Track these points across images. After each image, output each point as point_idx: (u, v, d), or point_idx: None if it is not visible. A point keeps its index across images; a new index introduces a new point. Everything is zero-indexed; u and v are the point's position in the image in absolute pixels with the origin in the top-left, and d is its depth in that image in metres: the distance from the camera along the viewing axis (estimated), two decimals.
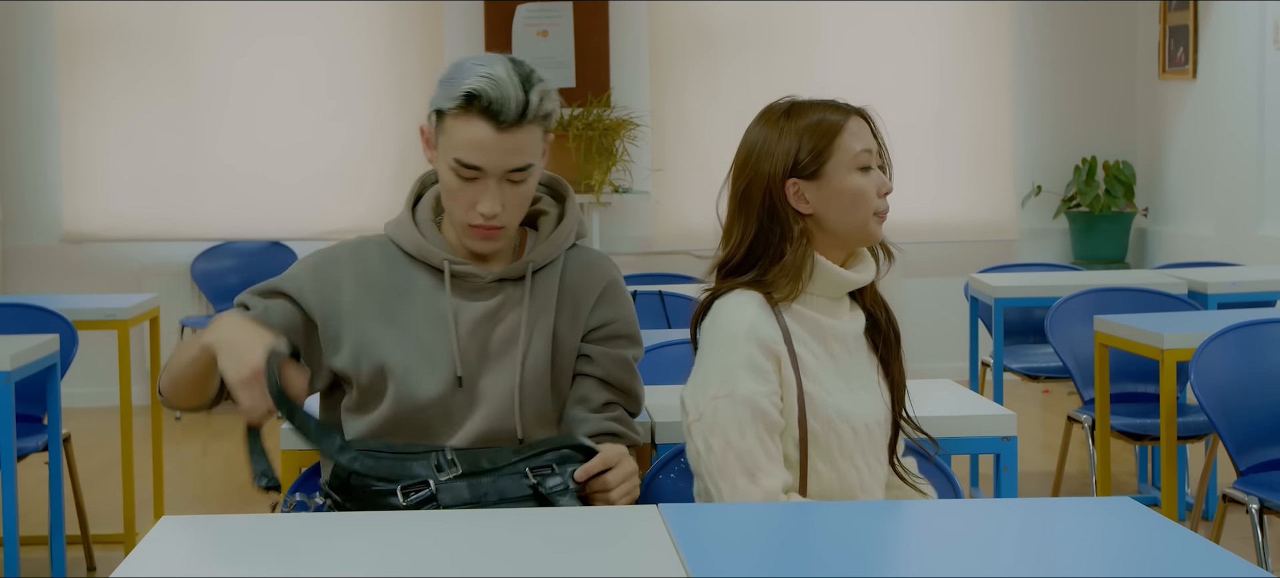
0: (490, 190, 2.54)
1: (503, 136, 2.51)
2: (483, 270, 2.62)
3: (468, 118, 2.51)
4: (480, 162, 2.52)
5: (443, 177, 2.58)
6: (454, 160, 2.53)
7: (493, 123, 2.50)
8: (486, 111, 2.50)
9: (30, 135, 8.16)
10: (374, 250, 2.65)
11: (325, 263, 2.64)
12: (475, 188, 2.54)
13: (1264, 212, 7.28)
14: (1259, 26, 7.28)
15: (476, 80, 2.50)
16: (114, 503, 5.59)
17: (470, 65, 2.54)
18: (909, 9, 8.39)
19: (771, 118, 2.59)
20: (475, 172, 2.53)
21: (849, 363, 2.59)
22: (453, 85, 2.53)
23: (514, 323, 2.62)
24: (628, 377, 2.68)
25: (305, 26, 8.21)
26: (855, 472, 2.55)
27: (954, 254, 8.37)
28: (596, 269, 2.70)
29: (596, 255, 2.74)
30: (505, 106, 2.50)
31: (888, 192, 2.57)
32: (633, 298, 2.85)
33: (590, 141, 7.76)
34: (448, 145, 2.54)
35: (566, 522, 2.22)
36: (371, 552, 2.07)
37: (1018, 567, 2.00)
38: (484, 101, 2.49)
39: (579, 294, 2.66)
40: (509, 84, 2.50)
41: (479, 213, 2.55)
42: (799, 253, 2.53)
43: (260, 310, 2.58)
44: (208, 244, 8.15)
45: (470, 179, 2.53)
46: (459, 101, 2.51)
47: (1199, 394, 3.94)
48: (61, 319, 4.87)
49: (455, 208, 2.58)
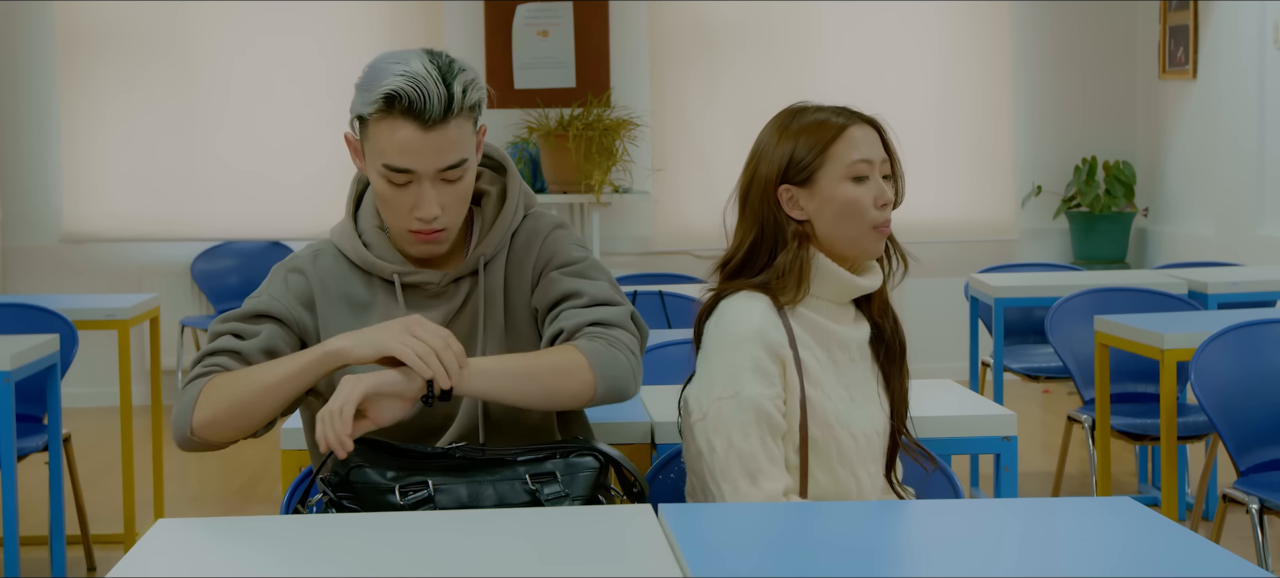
0: (425, 193, 2.44)
1: (430, 135, 2.40)
2: (433, 276, 2.54)
3: (391, 121, 2.40)
4: (410, 164, 2.41)
5: (375, 184, 2.48)
6: (382, 166, 2.43)
7: (417, 123, 2.39)
8: (409, 112, 2.38)
9: (30, 135, 8.16)
10: (330, 260, 2.57)
11: (293, 275, 2.55)
12: (409, 192, 2.44)
13: (1264, 212, 7.28)
14: (1259, 26, 7.28)
15: (394, 80, 2.38)
16: (114, 503, 5.59)
17: (385, 65, 2.42)
18: (909, 9, 8.39)
19: (779, 121, 2.58)
20: (407, 175, 2.42)
21: (851, 370, 2.58)
22: (370, 88, 2.41)
23: (470, 321, 2.55)
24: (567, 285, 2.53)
25: (305, 26, 8.21)
26: (854, 480, 2.54)
27: (954, 254, 8.37)
28: (535, 233, 2.59)
29: (537, 219, 2.61)
30: (428, 104, 2.38)
31: (887, 203, 2.53)
32: (632, 298, 2.83)
33: (590, 142, 7.75)
34: (374, 152, 2.43)
35: (565, 522, 2.22)
36: (369, 552, 2.07)
37: (1018, 567, 2.00)
38: (405, 101, 2.38)
39: (523, 263, 2.57)
40: (429, 80, 2.39)
41: (417, 218, 2.45)
42: (793, 257, 2.52)
43: (260, 339, 2.48)
44: (208, 244, 8.15)
45: (403, 184, 2.43)
46: (379, 105, 2.39)
47: (1199, 394, 3.93)
48: (61, 319, 4.87)
49: (392, 215, 2.49)
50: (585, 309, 2.50)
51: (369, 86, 2.42)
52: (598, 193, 7.77)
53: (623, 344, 2.47)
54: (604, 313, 2.49)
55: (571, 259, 2.56)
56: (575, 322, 2.48)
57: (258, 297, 2.53)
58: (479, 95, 2.46)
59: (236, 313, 2.51)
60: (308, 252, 2.59)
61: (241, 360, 2.45)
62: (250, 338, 2.48)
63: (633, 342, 2.51)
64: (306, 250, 2.59)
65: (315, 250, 2.59)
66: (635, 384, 2.48)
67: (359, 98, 2.44)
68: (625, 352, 2.47)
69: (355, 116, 2.46)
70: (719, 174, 7.96)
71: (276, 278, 2.56)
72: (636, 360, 2.49)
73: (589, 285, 2.52)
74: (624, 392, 2.47)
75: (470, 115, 2.45)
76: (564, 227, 2.61)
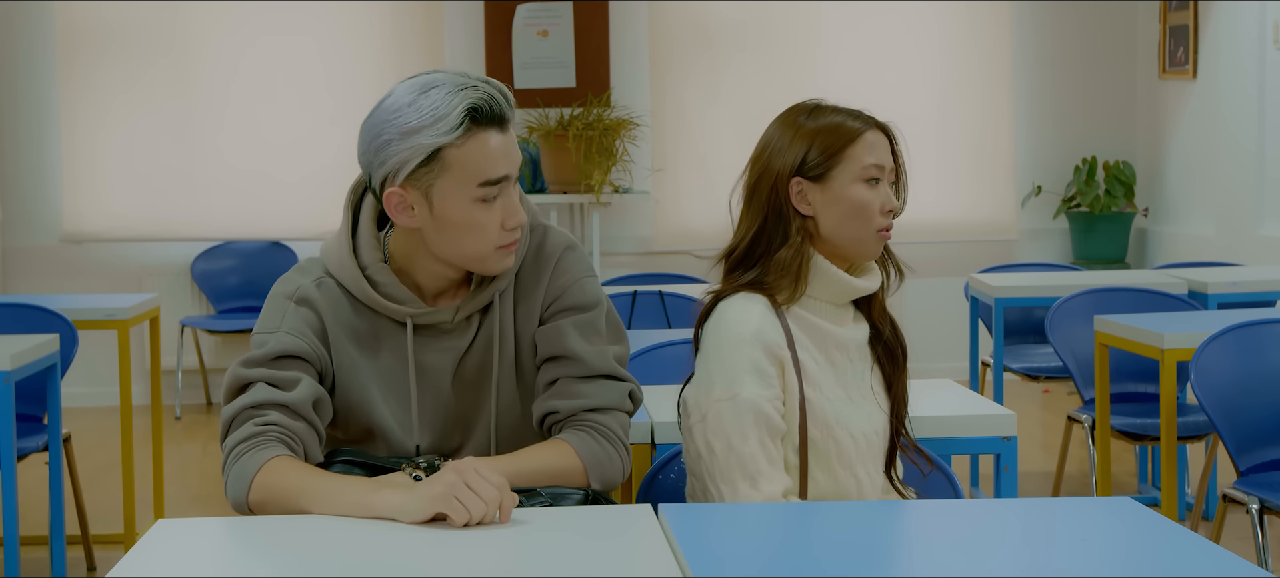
0: (511, 198, 2.42)
1: (508, 136, 2.41)
2: (446, 313, 2.48)
3: (478, 136, 2.36)
4: (506, 169, 2.39)
5: (461, 216, 2.39)
6: (477, 187, 2.37)
7: (499, 127, 2.39)
8: (491, 119, 2.37)
9: (30, 135, 8.15)
10: (333, 291, 2.47)
11: (303, 307, 2.45)
12: (496, 207, 2.40)
13: (1264, 212, 7.28)
14: (1259, 26, 7.28)
15: (464, 96, 2.35)
16: (114, 503, 5.59)
17: (431, 97, 2.36)
18: (909, 9, 8.38)
19: (792, 116, 2.59)
20: (499, 185, 2.39)
21: (849, 371, 2.59)
22: (441, 118, 2.34)
23: (483, 357, 2.50)
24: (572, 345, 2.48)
25: (305, 27, 8.20)
26: (853, 481, 2.55)
27: (954, 254, 8.37)
28: (545, 256, 2.53)
29: (546, 238, 2.55)
30: (501, 105, 2.39)
31: (892, 210, 2.55)
32: (632, 298, 2.82)
33: (590, 142, 7.75)
34: (462, 177, 2.37)
35: (565, 522, 2.22)
36: (368, 552, 2.07)
37: (1018, 567, 2.00)
38: (485, 111, 2.36)
39: (531, 291, 2.52)
40: (487, 86, 2.39)
41: (507, 229, 2.42)
42: (794, 252, 2.53)
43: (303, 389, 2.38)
44: (208, 244, 8.15)
45: (494, 199, 2.40)
46: (463, 125, 2.35)
47: (1199, 394, 3.94)
48: (61, 319, 4.87)
49: (481, 239, 2.41)
50: (583, 383, 2.47)
51: (436, 119, 2.34)
52: (598, 193, 7.77)
53: (615, 436, 2.48)
54: (600, 396, 2.47)
55: (582, 305, 2.50)
56: (570, 406, 2.46)
57: (276, 334, 2.43)
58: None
59: (261, 355, 2.41)
60: (310, 281, 2.48)
61: (292, 415, 2.37)
62: (290, 387, 2.39)
63: (623, 425, 2.49)
64: (308, 280, 2.48)
65: (318, 280, 2.48)
66: (625, 472, 2.49)
67: (427, 135, 2.35)
68: (617, 446, 2.48)
69: (423, 156, 2.36)
70: (719, 174, 7.95)
71: (287, 311, 2.45)
72: (625, 451, 2.49)
73: (594, 354, 2.48)
74: (612, 486, 2.49)
75: None
76: (574, 248, 2.55)
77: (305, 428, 2.38)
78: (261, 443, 2.33)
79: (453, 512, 2.15)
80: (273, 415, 2.36)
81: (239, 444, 2.35)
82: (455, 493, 2.16)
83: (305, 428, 2.38)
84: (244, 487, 2.31)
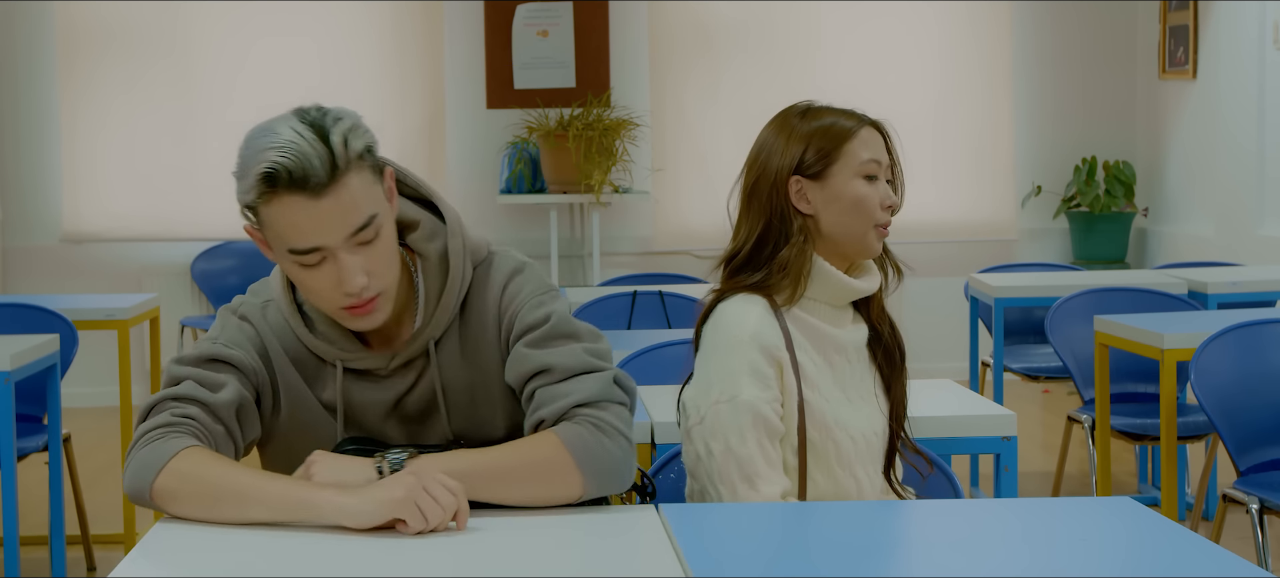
0: (344, 264, 2.18)
1: (324, 202, 2.15)
2: (380, 360, 2.32)
3: (279, 201, 2.15)
4: (315, 241, 2.17)
5: (289, 273, 2.24)
6: (288, 252, 2.19)
7: (306, 194, 2.14)
8: (293, 185, 2.14)
9: (30, 135, 8.15)
10: (278, 318, 2.35)
11: (244, 323, 2.35)
12: (326, 270, 2.19)
13: (1264, 212, 7.28)
14: (1259, 26, 7.27)
15: (266, 157, 2.14)
16: (114, 503, 5.59)
17: (255, 141, 2.18)
18: (909, 9, 8.38)
19: (787, 117, 2.60)
20: (317, 253, 2.18)
21: (847, 372, 2.59)
22: (245, 174, 2.17)
23: (426, 400, 2.34)
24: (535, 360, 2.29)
25: (305, 27, 8.21)
26: (853, 482, 2.55)
27: (954, 254, 8.37)
28: (488, 293, 2.34)
29: (489, 270, 2.36)
30: (310, 168, 2.14)
31: (891, 206, 2.56)
32: (632, 298, 2.80)
33: (590, 142, 7.75)
34: (275, 239, 2.20)
35: (566, 522, 2.22)
36: (368, 552, 2.07)
37: (1018, 567, 2.00)
38: (284, 176, 2.14)
39: (483, 331, 2.33)
40: (301, 142, 2.14)
41: (344, 294, 2.20)
42: (795, 252, 2.54)
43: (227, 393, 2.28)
44: (208, 244, 8.15)
45: (317, 264, 2.19)
46: (259, 188, 2.15)
47: (1199, 394, 3.94)
48: (61, 319, 4.87)
49: (319, 300, 2.24)
50: (561, 384, 2.26)
51: (244, 172, 2.18)
52: (598, 193, 7.76)
53: (610, 426, 2.24)
54: (584, 389, 2.25)
55: (533, 323, 2.30)
56: (555, 408, 2.24)
57: (214, 341, 2.33)
58: (365, 140, 2.20)
59: (194, 355, 2.31)
60: (257, 302, 2.37)
61: (212, 415, 2.25)
62: (216, 389, 2.28)
63: (620, 417, 2.26)
64: (256, 301, 2.37)
65: (265, 303, 2.37)
66: (629, 470, 2.25)
67: (238, 188, 2.19)
68: (614, 436, 2.23)
69: (243, 207, 2.21)
70: (719, 174, 7.95)
71: (229, 323, 2.35)
72: (627, 442, 2.25)
73: (558, 355, 2.27)
74: (618, 483, 2.25)
75: (363, 164, 2.18)
76: (520, 271, 2.35)
77: (223, 433, 2.27)
78: (176, 433, 2.22)
79: (410, 518, 2.08)
80: (192, 410, 2.25)
81: (152, 430, 2.22)
82: (415, 498, 2.08)
83: (223, 433, 2.27)
84: (150, 473, 2.17)
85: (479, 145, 8.24)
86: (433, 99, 8.25)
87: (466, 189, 8.23)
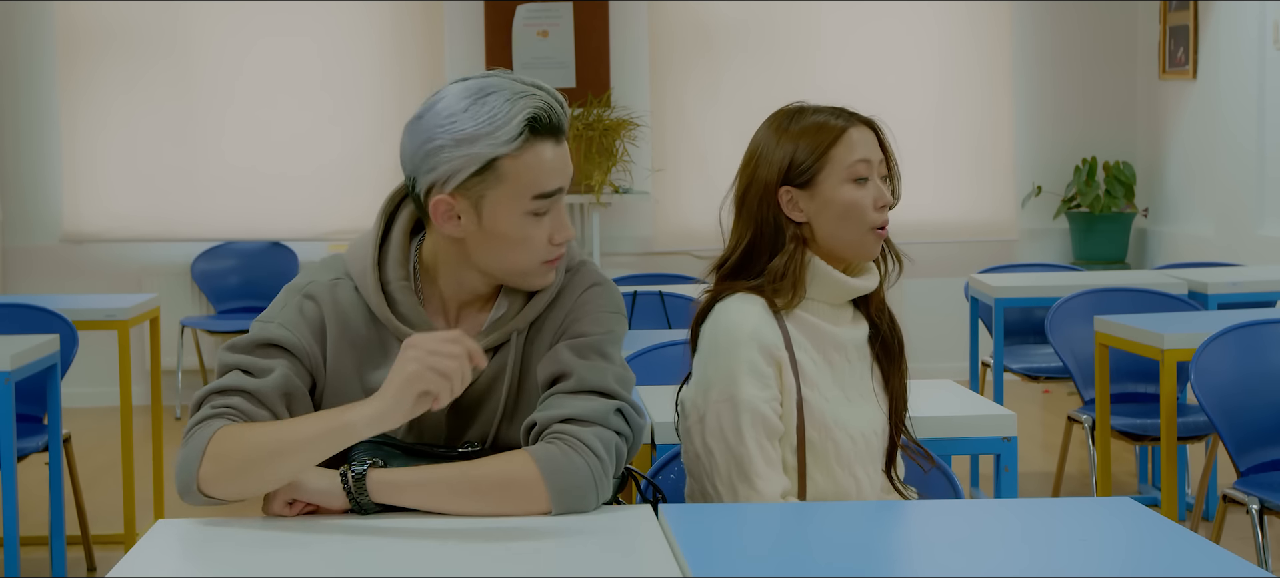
0: (560, 210, 2.32)
1: (563, 148, 2.30)
2: None
3: (535, 147, 2.26)
4: (560, 182, 2.29)
5: (506, 229, 2.28)
6: (531, 198, 2.27)
7: (556, 138, 2.29)
8: (549, 129, 2.27)
9: (30, 135, 8.16)
10: (349, 297, 2.35)
11: (308, 302, 2.34)
12: (547, 219, 2.30)
13: (1264, 212, 7.28)
14: (1259, 26, 7.28)
15: (525, 104, 2.25)
16: (114, 503, 5.59)
17: (494, 99, 2.25)
18: (909, 10, 8.39)
19: (777, 122, 2.58)
20: (553, 198, 2.29)
21: (847, 371, 2.58)
22: (500, 126, 2.24)
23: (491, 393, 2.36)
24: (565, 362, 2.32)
25: (305, 27, 8.21)
26: (852, 481, 2.54)
27: (954, 254, 8.37)
28: (568, 296, 2.39)
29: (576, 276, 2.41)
30: (559, 116, 2.29)
31: (886, 204, 2.54)
32: (632, 299, 2.78)
33: (590, 142, 7.75)
34: (515, 189, 2.26)
35: (566, 522, 2.22)
36: (369, 552, 2.07)
37: (1018, 567, 2.00)
38: (544, 120, 2.26)
39: (553, 323, 2.38)
40: (544, 93, 2.29)
41: (554, 243, 2.31)
42: (790, 260, 2.52)
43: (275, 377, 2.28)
44: (208, 244, 8.15)
45: (546, 212, 2.29)
46: (522, 135, 2.24)
47: (1199, 394, 3.94)
48: (61, 319, 4.87)
49: (529, 253, 2.30)
50: (571, 397, 2.28)
51: (495, 127, 2.24)
52: (598, 193, 7.76)
53: (588, 447, 2.24)
54: (584, 407, 2.27)
55: (585, 331, 2.35)
56: (547, 417, 2.27)
57: (268, 323, 2.33)
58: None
59: (245, 341, 2.31)
60: (326, 279, 2.37)
61: (255, 402, 2.26)
62: (263, 375, 2.28)
63: (605, 441, 2.26)
64: (325, 277, 2.37)
65: (335, 280, 2.37)
66: (598, 494, 2.24)
67: (483, 144, 2.24)
68: (588, 456, 2.23)
69: (479, 166, 2.24)
70: (719, 174, 7.92)
71: (289, 303, 2.35)
72: (602, 464, 2.24)
73: (587, 368, 2.31)
74: (581, 505, 2.23)
75: None
76: (600, 284, 2.40)
77: (268, 417, 2.26)
78: (210, 423, 2.23)
79: (433, 386, 2.13)
80: (235, 400, 2.25)
81: (193, 428, 2.24)
82: (428, 365, 2.13)
83: (268, 417, 2.26)
84: (193, 466, 2.18)
85: None
86: None
87: None
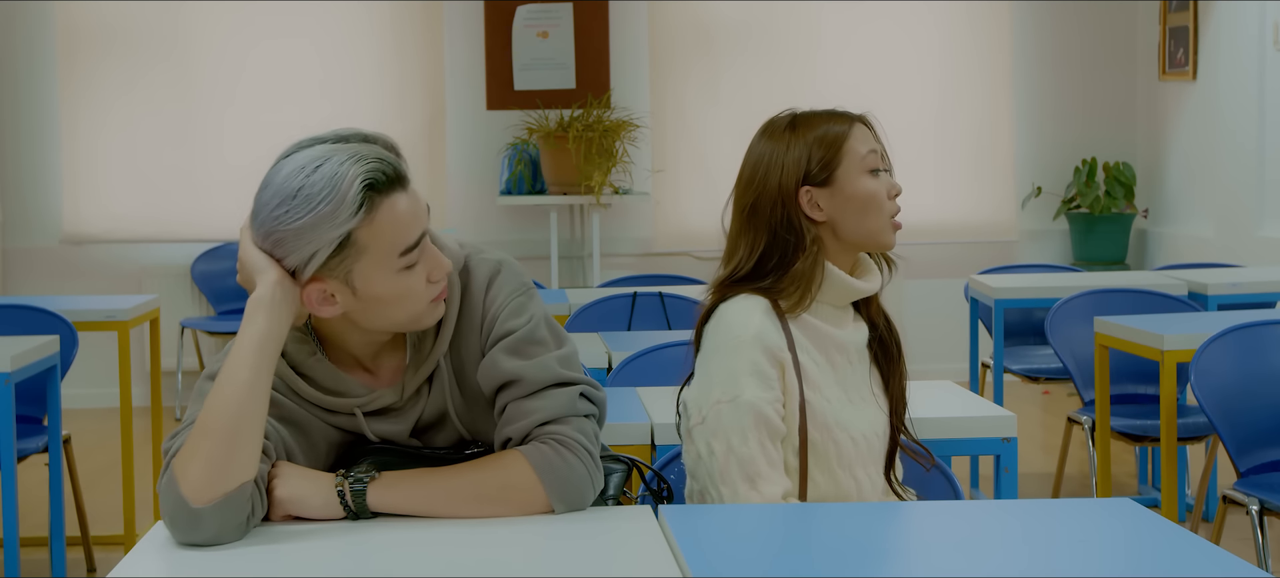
0: (429, 250, 2.25)
1: (409, 192, 2.22)
2: (391, 394, 2.32)
3: (384, 204, 2.18)
4: (420, 227, 2.23)
5: (388, 288, 2.22)
6: (399, 255, 2.20)
7: (402, 188, 2.21)
8: (393, 183, 2.20)
9: (30, 135, 8.16)
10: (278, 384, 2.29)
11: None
12: (420, 266, 2.23)
13: (1264, 212, 7.28)
14: (1259, 27, 7.28)
15: (355, 169, 2.17)
16: (114, 504, 5.59)
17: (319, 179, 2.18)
18: (909, 10, 8.39)
19: (776, 131, 2.59)
20: (419, 246, 2.23)
21: (849, 373, 2.59)
22: (338, 204, 2.16)
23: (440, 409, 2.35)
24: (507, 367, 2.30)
25: (305, 28, 8.21)
26: (853, 483, 2.55)
27: (954, 255, 8.37)
28: (472, 292, 2.35)
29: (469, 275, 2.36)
30: (395, 164, 2.21)
31: (898, 192, 2.58)
32: (632, 299, 2.78)
33: (590, 143, 7.75)
34: (382, 252, 2.19)
35: (566, 522, 2.22)
36: (369, 553, 2.07)
37: (1018, 568, 2.00)
38: (381, 180, 2.18)
39: (469, 329, 2.34)
40: (369, 148, 2.22)
41: (432, 282, 2.25)
42: (810, 262, 2.54)
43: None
44: (208, 245, 8.15)
45: (417, 260, 2.23)
46: (363, 202, 2.16)
47: (1199, 395, 3.94)
48: (61, 320, 4.87)
49: (412, 303, 2.25)
50: (529, 400, 2.28)
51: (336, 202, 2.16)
52: (598, 194, 7.77)
53: (575, 443, 2.26)
54: (551, 406, 2.27)
55: (509, 329, 2.31)
56: (522, 427, 2.27)
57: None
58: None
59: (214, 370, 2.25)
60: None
61: None
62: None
63: (585, 432, 2.28)
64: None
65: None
66: (594, 488, 2.28)
67: (326, 227, 2.17)
68: (579, 454, 2.26)
69: (333, 245, 2.18)
70: (719, 175, 7.95)
71: None
72: (591, 459, 2.27)
73: (530, 367, 2.29)
74: (582, 503, 2.26)
75: None
76: (497, 272, 2.36)
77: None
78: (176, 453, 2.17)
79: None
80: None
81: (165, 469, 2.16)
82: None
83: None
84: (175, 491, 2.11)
85: (479, 147, 8.24)
86: (433, 100, 8.25)
87: (466, 190, 8.24)
